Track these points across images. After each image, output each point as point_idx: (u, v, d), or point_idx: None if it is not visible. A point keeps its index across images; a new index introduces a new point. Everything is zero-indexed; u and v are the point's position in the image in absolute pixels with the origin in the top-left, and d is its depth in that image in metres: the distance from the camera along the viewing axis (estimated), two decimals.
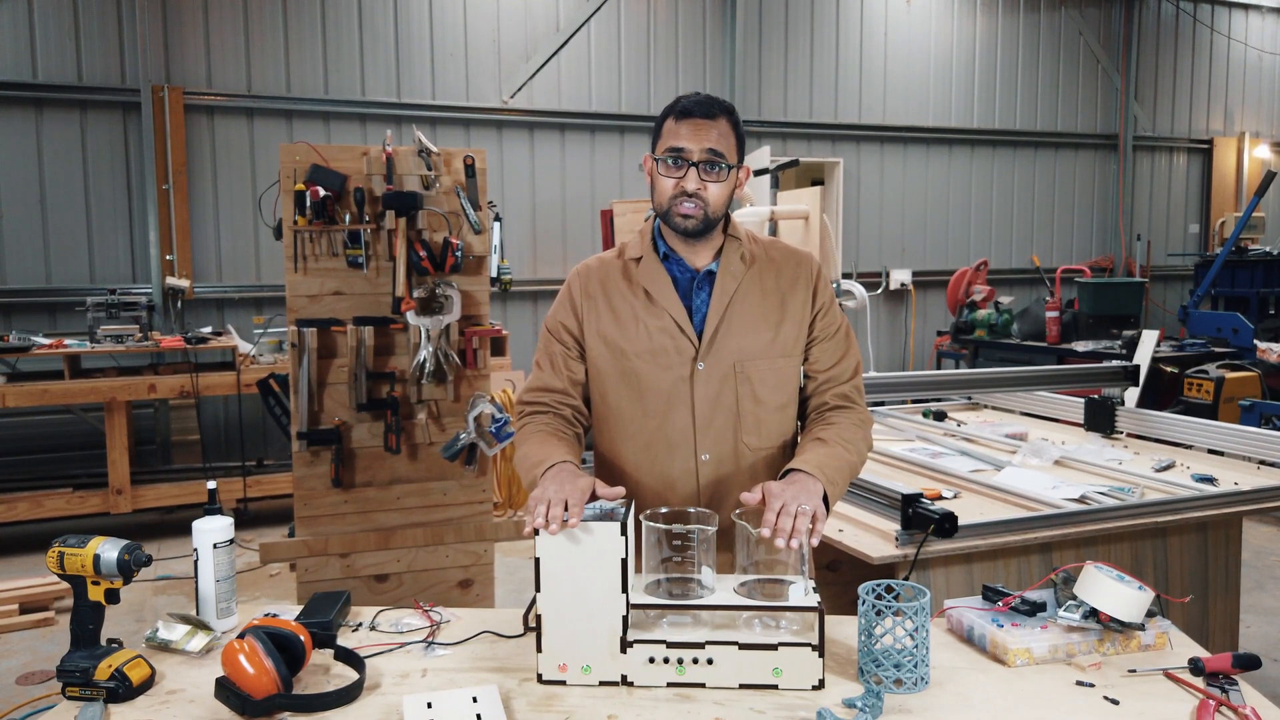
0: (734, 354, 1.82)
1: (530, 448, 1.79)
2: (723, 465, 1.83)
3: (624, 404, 1.85)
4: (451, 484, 3.24)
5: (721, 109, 1.79)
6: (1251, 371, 5.81)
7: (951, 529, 2.21)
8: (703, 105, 1.78)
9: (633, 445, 1.85)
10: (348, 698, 1.48)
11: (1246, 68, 10.34)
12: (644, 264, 1.86)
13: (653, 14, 7.72)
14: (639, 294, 1.85)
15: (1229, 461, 3.18)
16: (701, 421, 1.82)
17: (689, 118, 1.76)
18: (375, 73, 6.90)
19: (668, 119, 1.80)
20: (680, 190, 1.76)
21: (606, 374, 1.86)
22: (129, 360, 5.67)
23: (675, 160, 1.76)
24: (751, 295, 1.85)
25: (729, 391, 1.82)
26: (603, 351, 1.86)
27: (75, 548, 1.58)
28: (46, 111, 6.15)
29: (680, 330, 1.82)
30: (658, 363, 1.82)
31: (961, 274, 7.74)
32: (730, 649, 1.49)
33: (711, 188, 1.77)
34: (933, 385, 3.76)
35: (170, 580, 4.71)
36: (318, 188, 2.96)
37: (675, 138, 1.77)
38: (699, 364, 1.81)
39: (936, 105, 8.88)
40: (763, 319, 1.84)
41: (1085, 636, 1.61)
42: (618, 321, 1.85)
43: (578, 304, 1.89)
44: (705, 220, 1.78)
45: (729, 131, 1.79)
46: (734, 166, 1.80)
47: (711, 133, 1.76)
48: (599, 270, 1.90)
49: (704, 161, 1.75)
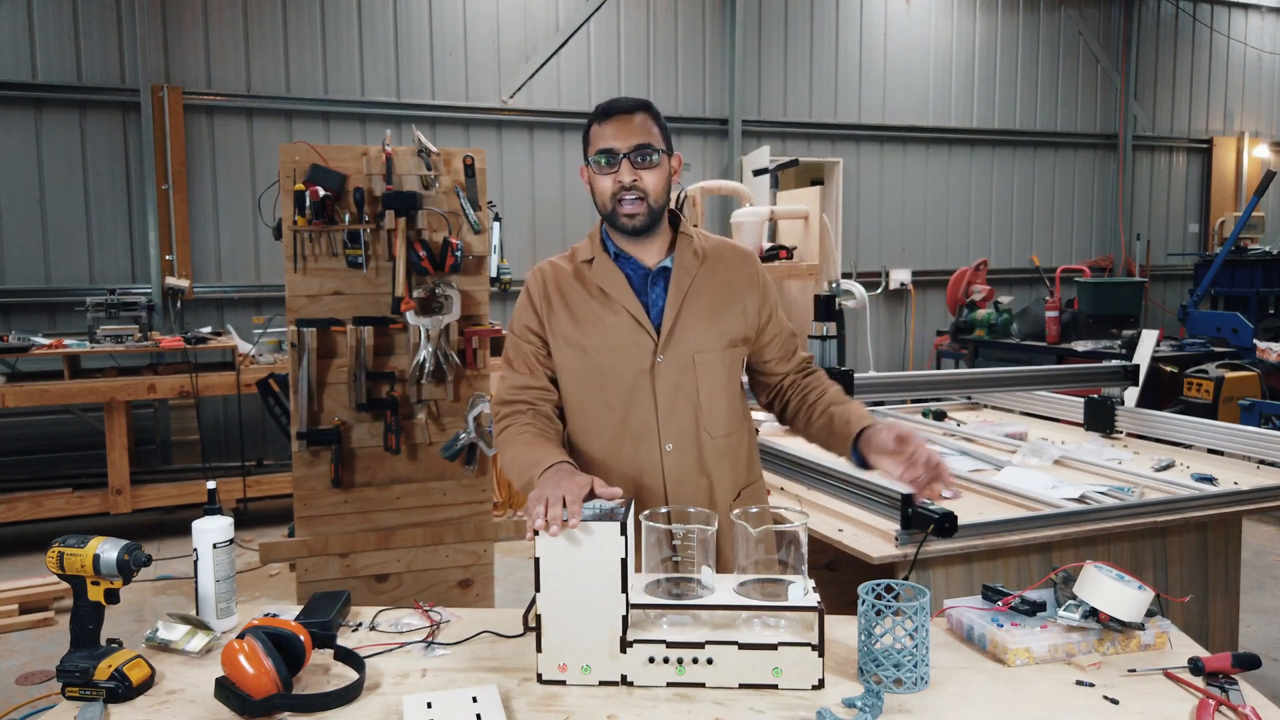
0: (692, 346, 1.88)
1: (519, 450, 1.80)
2: (686, 454, 1.89)
3: (588, 399, 1.90)
4: (451, 484, 3.24)
5: (638, 104, 1.86)
6: (1251, 371, 5.80)
7: (951, 529, 2.22)
8: (619, 103, 1.86)
9: (600, 439, 1.90)
10: (348, 698, 1.48)
11: (1246, 67, 10.34)
12: (596, 264, 1.91)
13: (652, 14, 7.72)
14: (595, 293, 1.90)
15: (1229, 461, 3.18)
16: (664, 413, 1.87)
17: (609, 118, 1.83)
18: (375, 73, 6.90)
19: (591, 126, 1.87)
20: (618, 185, 1.81)
21: (571, 371, 1.91)
22: (128, 360, 5.67)
23: (607, 159, 1.82)
24: (705, 290, 1.92)
25: (689, 381, 1.88)
26: (566, 350, 1.90)
27: (75, 548, 1.58)
28: (46, 111, 6.15)
29: (638, 325, 1.87)
30: (619, 357, 1.87)
31: (961, 274, 7.74)
32: (730, 649, 1.49)
33: (646, 176, 1.82)
34: (932, 385, 3.76)
35: (170, 580, 4.71)
36: (317, 188, 2.96)
37: (601, 139, 1.83)
38: (659, 357, 1.87)
39: (936, 105, 8.88)
40: (716, 312, 1.92)
41: (1085, 636, 1.61)
42: (576, 321, 1.90)
43: (538, 306, 1.94)
44: (649, 213, 1.84)
45: (650, 123, 1.85)
46: (664, 152, 1.85)
47: (634, 125, 1.82)
48: (553, 274, 1.96)
49: (633, 152, 1.80)
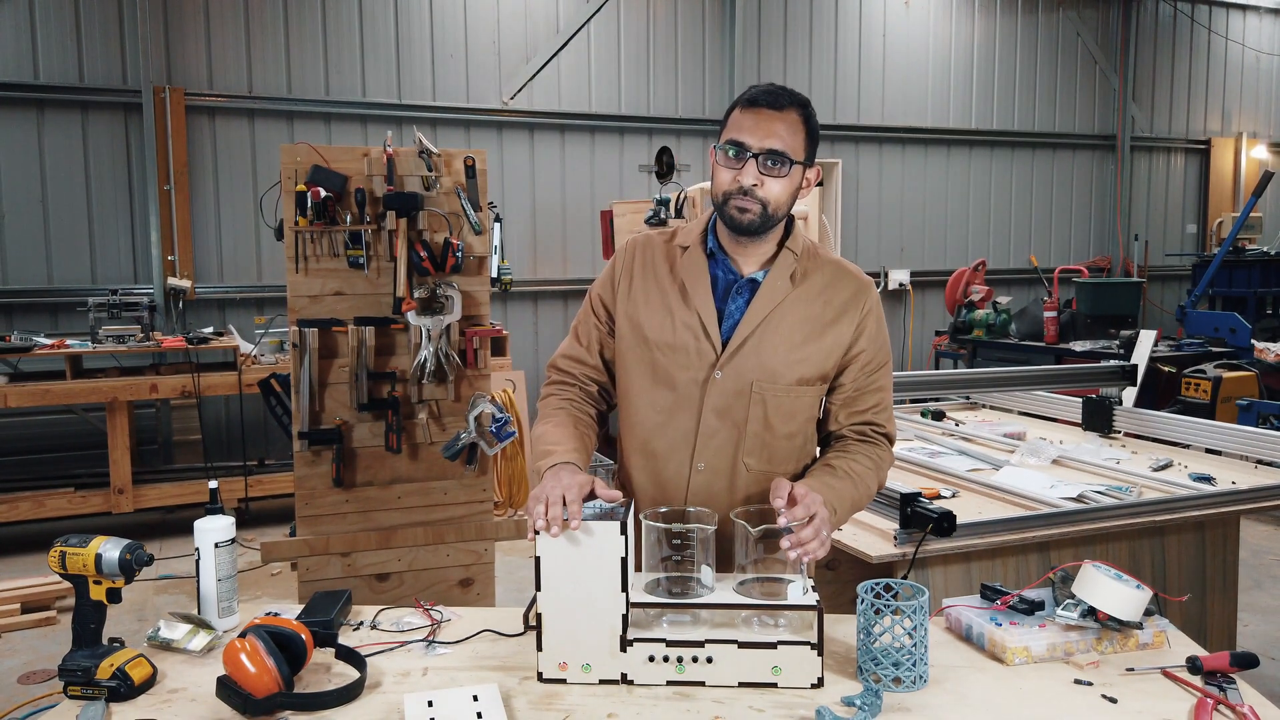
0: (754, 371, 1.72)
1: (548, 429, 1.77)
2: (716, 479, 1.76)
3: (634, 392, 1.81)
4: (452, 483, 3.24)
5: (793, 101, 1.67)
6: (1249, 371, 5.81)
7: (950, 528, 2.22)
8: (770, 95, 1.66)
9: (636, 435, 1.81)
10: (349, 696, 1.49)
11: (1244, 68, 10.34)
12: (689, 255, 1.78)
13: (652, 15, 7.72)
14: (675, 284, 1.77)
15: (1226, 461, 3.19)
16: (705, 431, 1.74)
17: (754, 107, 1.66)
18: (376, 74, 6.90)
19: (735, 108, 1.69)
20: (737, 185, 1.66)
21: (626, 357, 1.81)
22: (131, 360, 5.67)
23: (735, 152, 1.65)
24: (791, 316, 1.73)
25: (740, 408, 1.73)
26: (627, 333, 1.81)
27: (77, 547, 1.58)
28: (48, 112, 6.15)
29: (705, 333, 1.73)
30: (675, 360, 1.75)
31: (960, 274, 7.74)
32: (730, 648, 1.50)
33: (771, 184, 1.65)
34: (931, 385, 3.77)
35: (172, 579, 4.71)
36: (319, 188, 2.97)
37: (738, 129, 1.66)
38: (717, 372, 1.72)
39: (935, 106, 8.88)
40: (796, 344, 1.73)
41: (1083, 635, 1.62)
42: (648, 305, 1.78)
43: (618, 279, 1.83)
44: (763, 217, 1.67)
45: (798, 126, 1.67)
46: (800, 164, 1.68)
47: (777, 125, 1.64)
48: (647, 248, 1.83)
49: (764, 154, 1.64)
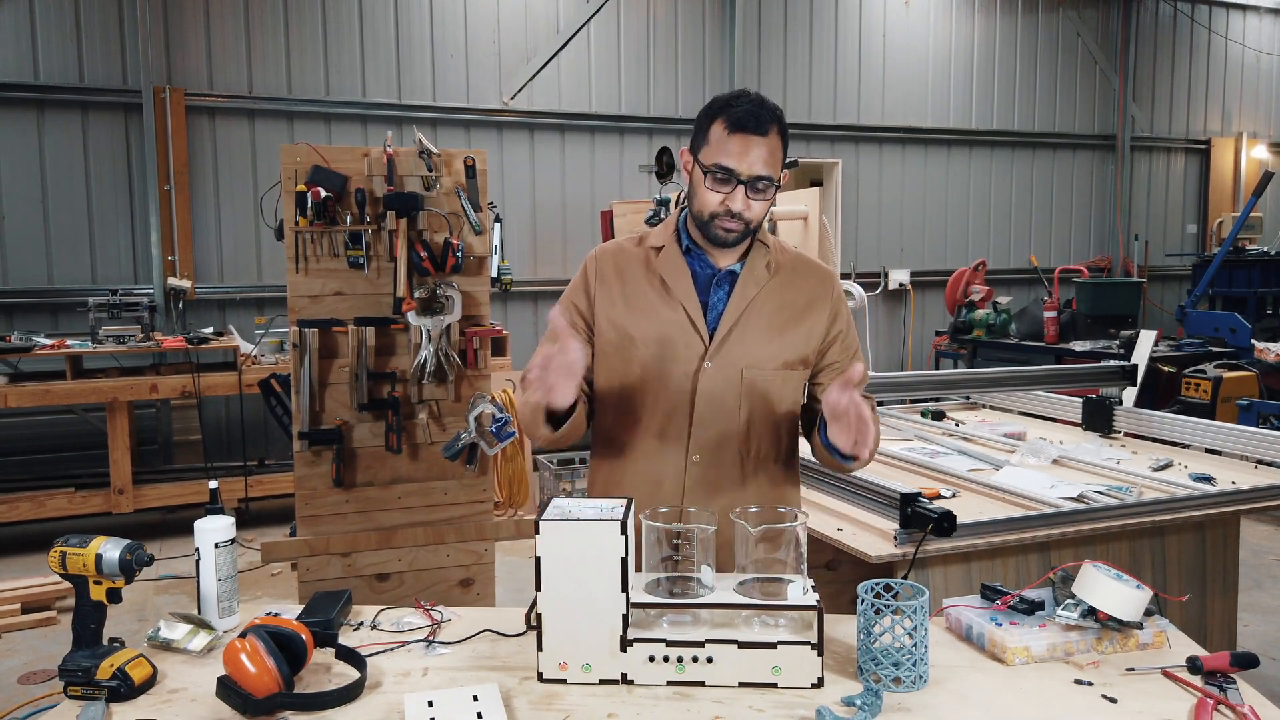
0: (742, 359, 1.79)
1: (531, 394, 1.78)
2: (711, 468, 1.81)
3: (624, 392, 1.82)
4: (452, 483, 3.24)
5: (773, 118, 1.72)
6: (1249, 371, 5.81)
7: (950, 528, 2.22)
8: (754, 119, 1.69)
9: (627, 435, 1.83)
10: (349, 696, 1.49)
11: (1244, 68, 10.34)
12: (665, 254, 1.83)
13: (652, 16, 7.72)
14: (655, 283, 1.81)
15: (1227, 461, 3.19)
16: (699, 421, 1.79)
17: (742, 132, 1.69)
18: (376, 74, 6.90)
19: (715, 123, 1.72)
20: (725, 208, 1.72)
21: (612, 359, 1.83)
22: (131, 360, 5.68)
23: (722, 177, 1.71)
24: (770, 304, 1.81)
25: (732, 395, 1.79)
26: (611, 336, 1.83)
27: (77, 547, 1.58)
28: (48, 112, 6.15)
29: (692, 325, 1.78)
30: (664, 354, 1.78)
31: (960, 274, 7.74)
32: (730, 647, 1.50)
33: (756, 206, 1.73)
34: (931, 385, 3.77)
35: (172, 580, 4.71)
36: (319, 189, 2.97)
37: (724, 154, 1.70)
38: (706, 363, 1.78)
39: (935, 106, 8.88)
40: (777, 329, 1.81)
41: (1083, 635, 1.62)
42: (630, 308, 1.81)
43: (591, 286, 1.86)
44: (745, 233, 1.76)
45: (778, 145, 1.73)
46: (778, 184, 1.76)
47: (763, 150, 1.70)
48: (616, 254, 1.87)
49: (753, 180, 1.70)
